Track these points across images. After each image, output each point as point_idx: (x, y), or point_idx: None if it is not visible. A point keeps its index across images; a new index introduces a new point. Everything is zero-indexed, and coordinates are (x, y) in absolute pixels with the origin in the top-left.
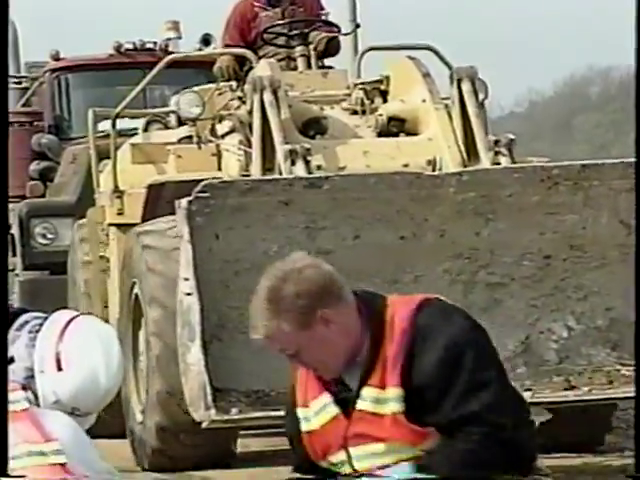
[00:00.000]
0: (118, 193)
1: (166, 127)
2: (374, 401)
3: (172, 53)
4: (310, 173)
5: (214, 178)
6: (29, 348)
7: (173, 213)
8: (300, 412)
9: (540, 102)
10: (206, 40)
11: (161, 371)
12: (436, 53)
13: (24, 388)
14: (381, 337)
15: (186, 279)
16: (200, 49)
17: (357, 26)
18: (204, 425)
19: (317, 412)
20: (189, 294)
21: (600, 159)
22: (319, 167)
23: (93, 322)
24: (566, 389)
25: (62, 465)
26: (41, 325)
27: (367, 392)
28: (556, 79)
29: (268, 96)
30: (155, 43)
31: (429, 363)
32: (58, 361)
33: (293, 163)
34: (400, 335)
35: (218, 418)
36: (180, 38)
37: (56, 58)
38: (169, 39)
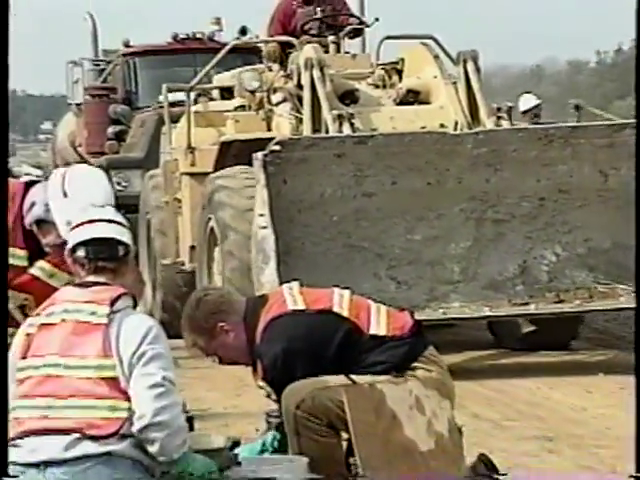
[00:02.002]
0: (191, 149)
1: (211, 99)
2: None
3: (217, 42)
4: (354, 132)
5: (270, 138)
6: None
7: (238, 164)
8: None
9: None
10: (243, 30)
11: (233, 283)
12: (437, 42)
13: (113, 303)
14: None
15: (261, 215)
16: (238, 38)
17: (376, 19)
18: None
19: None
20: (264, 227)
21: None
22: (357, 129)
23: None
24: (556, 302)
25: (113, 379)
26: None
27: None
28: None
29: (317, 73)
30: (203, 34)
31: None
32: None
33: (340, 125)
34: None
35: None
36: (222, 30)
37: (127, 45)
38: (214, 31)
